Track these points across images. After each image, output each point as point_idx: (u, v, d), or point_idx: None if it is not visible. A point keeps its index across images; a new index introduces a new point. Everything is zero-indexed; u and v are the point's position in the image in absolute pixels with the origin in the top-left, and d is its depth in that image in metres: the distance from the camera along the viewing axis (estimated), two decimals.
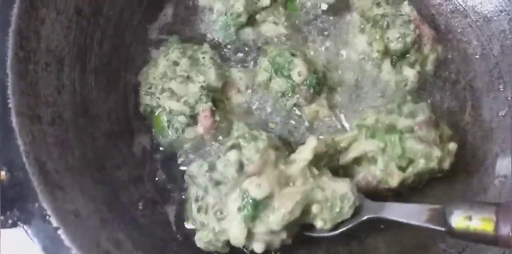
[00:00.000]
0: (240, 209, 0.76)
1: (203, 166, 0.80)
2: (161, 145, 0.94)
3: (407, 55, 1.00)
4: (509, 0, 1.01)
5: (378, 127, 0.89)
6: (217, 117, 0.89)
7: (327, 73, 0.99)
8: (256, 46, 1.01)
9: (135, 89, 0.96)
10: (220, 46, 1.01)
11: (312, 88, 0.94)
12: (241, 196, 0.76)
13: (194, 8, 1.04)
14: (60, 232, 0.65)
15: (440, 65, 1.04)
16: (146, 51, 1.01)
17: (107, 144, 0.88)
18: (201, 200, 0.79)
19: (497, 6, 1.03)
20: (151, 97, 0.91)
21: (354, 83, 1.00)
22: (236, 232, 0.76)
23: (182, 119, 0.89)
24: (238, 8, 0.97)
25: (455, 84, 1.04)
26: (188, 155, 0.92)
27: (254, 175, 0.77)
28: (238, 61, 1.00)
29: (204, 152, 0.91)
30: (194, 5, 1.04)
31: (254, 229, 0.77)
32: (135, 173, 0.90)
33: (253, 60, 1.00)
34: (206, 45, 0.97)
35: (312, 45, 1.02)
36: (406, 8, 1.02)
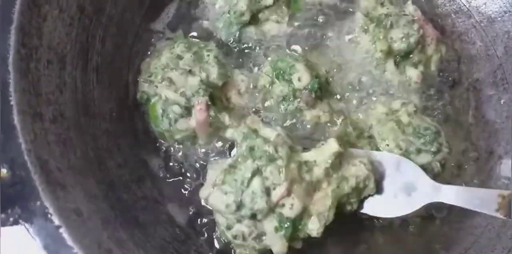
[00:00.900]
0: (278, 229, 0.76)
1: (230, 206, 0.76)
2: (153, 134, 0.93)
3: (411, 56, 0.99)
4: None
5: None
6: (211, 113, 0.89)
7: (329, 78, 0.98)
8: (259, 48, 1.00)
9: (137, 88, 0.95)
10: (226, 46, 1.01)
11: (313, 93, 0.92)
12: (276, 218, 0.76)
13: (197, 6, 1.03)
14: (61, 231, 0.65)
15: (443, 66, 1.04)
16: (148, 50, 1.00)
17: (109, 143, 0.87)
18: (234, 229, 0.78)
19: (501, 7, 1.03)
20: (149, 85, 0.91)
21: (358, 84, 0.99)
22: (278, 248, 0.77)
23: (176, 109, 0.87)
24: (242, 6, 0.96)
25: (459, 85, 1.04)
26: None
27: (284, 197, 0.76)
28: (241, 64, 1.00)
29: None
30: (197, 3, 1.03)
31: (295, 238, 0.78)
32: (137, 172, 0.90)
33: (256, 64, 1.00)
34: (212, 44, 0.96)
35: (314, 46, 1.02)
36: (410, 8, 1.02)
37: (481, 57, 1.06)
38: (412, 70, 0.99)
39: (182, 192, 0.91)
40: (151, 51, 1.00)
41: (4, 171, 0.65)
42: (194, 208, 0.90)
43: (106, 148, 0.86)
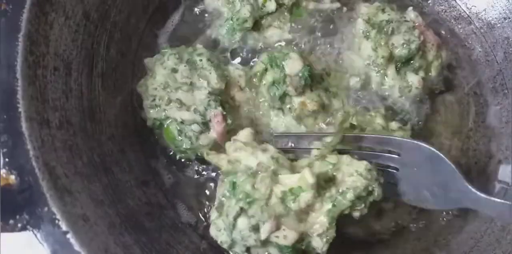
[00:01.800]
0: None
1: (226, 242, 0.78)
2: (175, 154, 0.93)
3: (412, 61, 1.00)
4: None
5: None
6: (228, 121, 0.89)
7: (325, 75, 0.99)
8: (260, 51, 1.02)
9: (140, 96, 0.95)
10: (216, 43, 1.01)
11: (303, 80, 0.92)
12: (275, 247, 0.77)
13: (200, 13, 1.04)
14: (69, 236, 0.66)
15: (444, 72, 1.05)
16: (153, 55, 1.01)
17: (114, 148, 0.88)
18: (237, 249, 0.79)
19: (500, 13, 1.04)
20: (157, 110, 0.89)
21: (359, 89, 1.00)
22: None
23: (195, 128, 0.88)
24: (245, 13, 0.97)
25: (459, 90, 1.05)
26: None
27: (274, 231, 0.75)
28: (235, 59, 1.01)
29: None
30: (201, 10, 1.04)
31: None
32: (142, 177, 0.91)
33: (251, 57, 1.01)
34: (199, 46, 0.95)
35: (316, 51, 1.03)
36: (411, 14, 1.03)
37: (481, 63, 1.07)
38: (413, 76, 1.00)
39: (187, 197, 0.92)
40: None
41: (12, 177, 0.66)
42: (199, 213, 0.91)
43: (111, 154, 0.87)
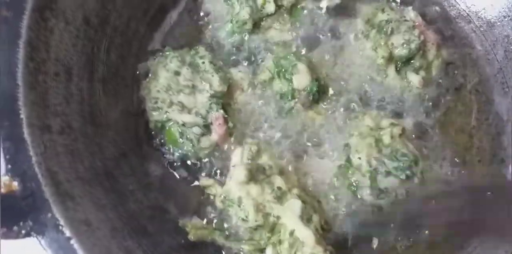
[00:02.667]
0: None
1: None
2: (176, 156, 0.93)
3: (412, 61, 1.00)
4: None
5: None
6: (230, 124, 0.90)
7: (329, 81, 0.99)
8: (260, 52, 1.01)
9: (143, 99, 0.95)
10: (218, 45, 1.01)
11: (312, 95, 0.94)
12: None
13: (199, 16, 1.04)
14: (73, 242, 0.66)
15: (444, 71, 1.05)
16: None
17: (115, 152, 0.88)
18: None
19: (500, 12, 1.04)
20: (159, 112, 0.90)
21: (358, 89, 1.00)
22: None
23: (196, 130, 0.88)
24: (244, 15, 0.97)
25: (461, 88, 1.05)
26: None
27: None
28: (237, 61, 1.00)
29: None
30: (200, 13, 1.04)
31: None
32: (144, 181, 0.91)
33: (253, 60, 1.00)
34: (201, 48, 0.96)
35: (316, 52, 1.03)
36: (410, 13, 1.03)
37: (481, 61, 1.07)
38: (413, 76, 1.00)
39: (189, 200, 0.92)
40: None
41: (15, 183, 0.66)
42: (201, 215, 0.91)
43: (113, 158, 0.87)
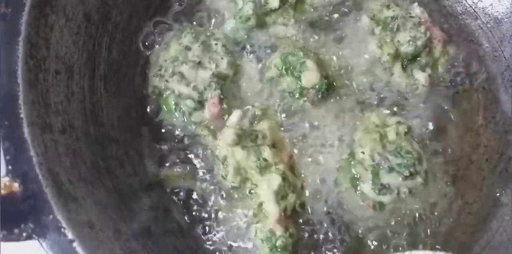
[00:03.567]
0: None
1: None
2: (167, 127, 0.93)
3: (418, 58, 0.99)
4: None
5: None
6: (224, 105, 0.90)
7: (337, 78, 0.98)
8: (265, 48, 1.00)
9: (144, 96, 0.94)
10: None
11: (320, 93, 0.93)
12: None
13: (203, 12, 1.02)
14: (75, 245, 0.64)
15: (451, 68, 1.03)
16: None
17: (117, 152, 0.87)
18: None
19: (508, 8, 1.03)
20: (160, 79, 0.91)
21: (365, 87, 0.99)
22: None
23: (189, 103, 0.89)
24: (247, 11, 0.96)
25: (468, 86, 1.03)
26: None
27: None
28: (250, 51, 0.99)
29: None
30: (203, 9, 1.03)
31: None
32: (147, 181, 0.89)
33: (264, 53, 0.99)
34: (220, 31, 0.97)
35: (321, 48, 1.01)
36: (416, 10, 1.01)
37: (488, 58, 1.05)
38: (420, 74, 0.98)
39: (192, 200, 0.90)
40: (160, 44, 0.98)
41: (16, 185, 0.64)
42: (205, 215, 0.90)
43: (115, 157, 0.85)
